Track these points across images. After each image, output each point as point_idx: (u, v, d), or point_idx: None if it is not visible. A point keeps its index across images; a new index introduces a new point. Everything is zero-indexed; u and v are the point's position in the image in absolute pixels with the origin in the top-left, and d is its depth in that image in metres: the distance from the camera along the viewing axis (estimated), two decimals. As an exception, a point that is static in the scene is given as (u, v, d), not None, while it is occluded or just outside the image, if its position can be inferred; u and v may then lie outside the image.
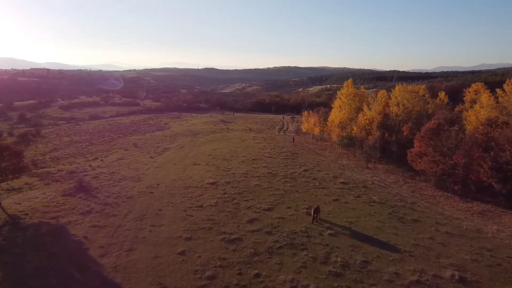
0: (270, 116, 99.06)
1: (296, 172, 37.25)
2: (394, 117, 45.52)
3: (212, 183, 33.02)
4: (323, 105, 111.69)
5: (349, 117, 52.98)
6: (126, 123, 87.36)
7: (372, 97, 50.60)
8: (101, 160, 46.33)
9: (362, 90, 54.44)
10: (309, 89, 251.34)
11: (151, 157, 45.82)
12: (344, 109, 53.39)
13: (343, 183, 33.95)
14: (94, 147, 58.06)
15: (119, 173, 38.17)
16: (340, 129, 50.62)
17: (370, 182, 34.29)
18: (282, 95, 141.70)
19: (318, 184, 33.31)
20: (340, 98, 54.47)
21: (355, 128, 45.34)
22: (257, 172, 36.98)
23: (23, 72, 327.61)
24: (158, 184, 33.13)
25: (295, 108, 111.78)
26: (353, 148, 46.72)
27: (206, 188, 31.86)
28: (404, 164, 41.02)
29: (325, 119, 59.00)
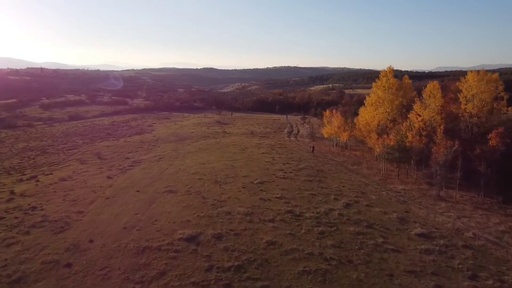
0: (274, 116, 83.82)
1: (333, 209, 22.00)
2: (467, 118, 30.34)
3: (190, 238, 17.78)
4: (333, 103, 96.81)
5: (389, 117, 37.87)
6: (104, 125, 72.01)
7: (426, 90, 35.44)
8: (37, 180, 30.95)
9: (406, 80, 39.32)
10: (311, 88, 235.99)
11: (108, 177, 30.47)
12: (383, 106, 38.23)
13: (423, 236, 18.71)
14: (45, 157, 42.65)
15: (43, 209, 22.86)
16: (378, 135, 35.49)
17: (472, 236, 19.01)
18: (287, 93, 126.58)
19: (381, 240, 18.04)
20: (376, 93, 39.26)
21: (409, 134, 30.08)
22: (269, 209, 21.79)
23: (16, 71, 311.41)
24: (91, 241, 17.82)
25: (302, 107, 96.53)
26: (407, 163, 31.53)
27: (176, 251, 16.60)
28: (495, 189, 25.97)
29: (352, 121, 43.95)
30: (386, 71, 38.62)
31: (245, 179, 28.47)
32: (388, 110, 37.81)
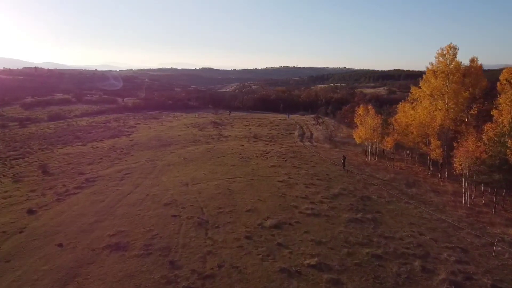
0: (279, 116, 72.03)
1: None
2: None
3: None
4: (344, 102, 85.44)
5: (450, 116, 26.23)
6: (80, 126, 60.24)
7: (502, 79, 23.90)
8: None
9: (475, 64, 27.71)
10: (312, 88, 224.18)
11: (30, 211, 18.70)
12: (441, 100, 26.60)
13: None
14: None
15: None
16: (440, 141, 23.86)
17: None
18: (291, 91, 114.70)
19: None
20: (430, 81, 27.58)
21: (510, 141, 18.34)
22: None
23: (10, 71, 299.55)
24: None
25: (309, 106, 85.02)
26: (506, 189, 19.74)
27: None
28: None
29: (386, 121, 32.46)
30: (445, 50, 26.89)
31: (249, 218, 16.80)
32: (451, 106, 26.19)
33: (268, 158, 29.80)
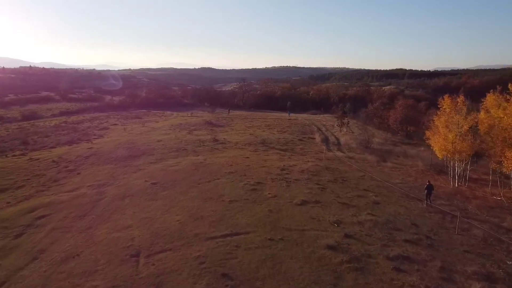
0: (287, 115, 59.95)
1: None
2: None
3: None
4: (360, 99, 73.90)
5: None
6: (44, 127, 48.23)
7: None
8: None
9: None
10: (322, 84, 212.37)
11: None
12: None
13: None
14: None
15: None
16: None
17: None
18: (297, 88, 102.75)
19: None
20: None
21: None
22: None
23: (3, 69, 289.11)
24: None
25: (320, 104, 73.26)
26: None
27: None
28: None
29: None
30: None
31: None
32: None
33: (292, 183, 17.75)
